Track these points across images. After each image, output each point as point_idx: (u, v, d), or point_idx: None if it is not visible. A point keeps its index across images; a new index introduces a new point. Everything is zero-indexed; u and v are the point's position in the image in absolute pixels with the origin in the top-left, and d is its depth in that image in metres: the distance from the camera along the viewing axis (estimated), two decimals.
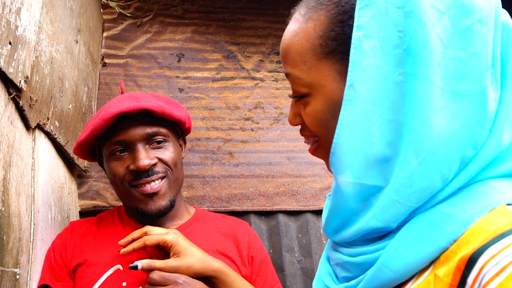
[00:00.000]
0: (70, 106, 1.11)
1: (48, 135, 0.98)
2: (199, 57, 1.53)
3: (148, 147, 0.88)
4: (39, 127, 0.91)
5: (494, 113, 0.44)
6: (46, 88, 0.92)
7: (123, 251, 0.82)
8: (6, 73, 0.71)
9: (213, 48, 1.55)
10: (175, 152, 0.92)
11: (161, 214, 0.89)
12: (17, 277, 0.76)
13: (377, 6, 0.45)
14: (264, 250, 1.00)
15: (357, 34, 0.46)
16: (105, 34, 1.49)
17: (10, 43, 0.73)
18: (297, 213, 1.37)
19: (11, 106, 0.77)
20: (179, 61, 1.51)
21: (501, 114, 0.44)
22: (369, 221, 0.46)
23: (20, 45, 0.77)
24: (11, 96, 0.76)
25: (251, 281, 0.92)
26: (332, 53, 0.49)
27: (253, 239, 0.98)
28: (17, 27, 0.76)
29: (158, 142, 0.89)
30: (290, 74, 0.53)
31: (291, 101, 0.57)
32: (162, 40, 1.52)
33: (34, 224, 0.86)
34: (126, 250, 0.82)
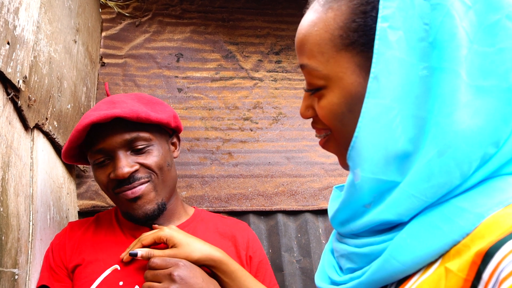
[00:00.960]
0: (69, 106, 1.11)
1: (47, 135, 0.98)
2: (198, 57, 1.53)
3: (129, 153, 0.85)
4: (37, 127, 0.91)
5: None
6: (44, 88, 0.92)
7: (124, 259, 0.83)
8: (4, 73, 0.71)
9: (212, 48, 1.54)
10: (160, 155, 0.88)
11: (149, 218, 0.87)
12: (16, 277, 0.75)
13: None
14: (263, 251, 1.00)
15: (382, 25, 0.44)
16: (103, 34, 1.49)
17: (8, 43, 0.72)
18: (296, 213, 1.37)
19: (9, 106, 0.77)
20: (178, 61, 1.51)
21: None
22: (381, 213, 0.45)
23: (18, 45, 0.77)
24: (10, 96, 0.76)
25: None
26: (352, 45, 0.48)
27: (251, 239, 0.98)
28: (15, 27, 0.76)
29: (140, 148, 0.86)
30: (305, 66, 0.52)
31: (304, 93, 0.56)
32: (161, 40, 1.52)
33: (33, 224, 0.86)
34: (125, 256, 0.83)
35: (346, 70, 0.48)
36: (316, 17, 0.51)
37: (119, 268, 0.84)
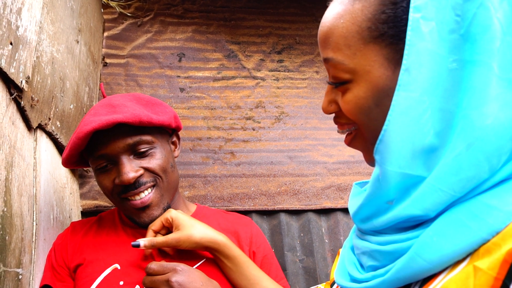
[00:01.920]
0: (72, 106, 1.11)
1: (50, 135, 0.98)
2: (200, 56, 1.53)
3: (132, 157, 0.84)
4: (40, 127, 0.91)
5: None
6: (47, 88, 0.92)
7: (145, 247, 0.82)
8: (8, 73, 0.71)
9: (214, 47, 1.54)
10: (163, 158, 0.87)
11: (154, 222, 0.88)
12: (20, 277, 0.76)
13: None
14: (268, 245, 0.99)
15: (414, 16, 0.43)
16: (105, 34, 1.49)
17: (11, 44, 0.73)
18: (298, 212, 1.37)
19: (12, 106, 0.77)
20: (180, 60, 1.51)
21: None
22: (406, 209, 0.45)
23: (21, 46, 0.77)
24: (13, 97, 0.76)
25: None
26: (381, 37, 0.46)
27: (255, 234, 0.98)
28: (18, 27, 0.76)
29: (142, 151, 0.85)
30: (330, 59, 0.50)
31: (327, 88, 0.55)
32: (162, 39, 1.52)
33: (36, 224, 0.86)
34: (144, 247, 0.81)
35: (373, 63, 0.47)
36: (342, 9, 0.49)
37: (119, 268, 0.84)
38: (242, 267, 0.83)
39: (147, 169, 0.85)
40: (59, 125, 1.01)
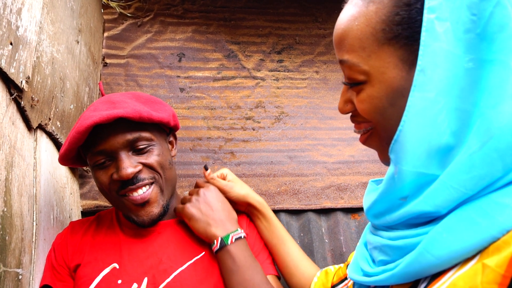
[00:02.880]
0: (72, 106, 1.11)
1: (50, 135, 0.98)
2: (200, 56, 1.53)
3: (131, 153, 0.84)
4: (40, 127, 0.91)
5: None
6: (47, 89, 0.92)
7: (208, 175, 1.01)
8: (8, 73, 0.71)
9: (213, 47, 1.54)
10: (161, 155, 0.87)
11: (154, 222, 0.87)
12: (20, 277, 0.76)
13: None
14: (258, 237, 1.01)
15: (429, 17, 0.43)
16: (105, 34, 1.49)
17: (11, 44, 0.73)
18: (298, 212, 1.37)
19: (12, 106, 0.77)
20: (180, 60, 1.51)
21: None
22: (418, 205, 0.45)
23: (21, 46, 0.77)
24: (13, 97, 0.76)
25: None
26: (395, 38, 0.47)
27: (246, 226, 1.00)
28: (18, 27, 0.76)
29: (142, 148, 0.85)
30: (346, 61, 0.51)
31: (343, 88, 0.55)
32: (162, 39, 1.52)
33: (36, 225, 0.86)
34: (208, 174, 1.01)
35: (388, 64, 0.47)
36: (356, 11, 0.50)
37: (117, 267, 0.84)
38: (275, 226, 0.98)
39: (145, 165, 0.85)
40: (59, 125, 1.01)
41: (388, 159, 0.51)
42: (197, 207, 0.90)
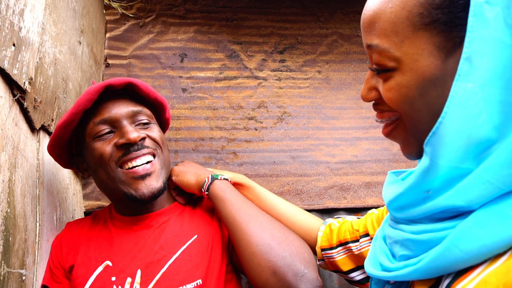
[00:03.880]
0: None
1: None
2: (202, 56, 1.53)
3: (134, 126, 0.86)
4: (43, 128, 0.91)
5: None
6: (50, 89, 0.92)
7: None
8: (10, 74, 0.71)
9: (215, 47, 1.54)
10: (161, 132, 0.92)
11: (154, 197, 0.84)
12: (23, 278, 0.76)
13: None
14: None
15: (478, 0, 0.40)
16: (108, 35, 1.49)
17: (14, 45, 0.73)
18: None
19: (15, 107, 0.77)
20: (182, 61, 1.51)
21: None
22: (449, 199, 0.43)
23: (23, 47, 0.77)
24: (16, 98, 0.76)
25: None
26: (433, 23, 0.43)
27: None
28: (20, 28, 0.76)
29: (143, 123, 0.88)
30: (375, 46, 0.48)
31: (368, 74, 0.53)
32: (164, 40, 1.52)
33: (40, 225, 0.86)
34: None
35: (422, 51, 0.45)
36: None
37: (110, 264, 0.83)
38: (261, 194, 0.99)
39: (148, 136, 0.87)
40: None
41: (413, 152, 0.49)
42: (183, 165, 0.97)
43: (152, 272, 0.81)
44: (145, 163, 0.84)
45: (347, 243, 0.83)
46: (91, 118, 0.85)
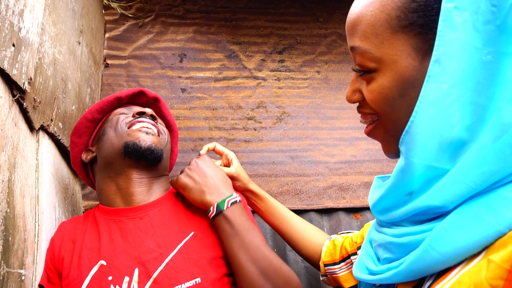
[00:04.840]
0: (74, 107, 1.12)
1: (52, 136, 0.98)
2: (201, 57, 1.53)
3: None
4: (43, 128, 0.92)
5: None
6: (49, 90, 0.92)
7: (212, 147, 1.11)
8: (10, 74, 0.71)
9: (215, 48, 1.55)
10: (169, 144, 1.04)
11: (151, 152, 0.91)
12: (23, 277, 0.76)
13: None
14: None
15: (447, 6, 0.42)
16: (107, 35, 1.49)
17: (13, 45, 0.73)
18: (300, 212, 1.37)
19: (15, 107, 0.77)
20: (181, 61, 1.51)
21: None
22: (426, 200, 0.44)
23: (23, 47, 0.77)
24: (15, 98, 0.76)
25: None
26: (410, 26, 0.45)
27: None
28: (20, 29, 0.76)
29: (155, 117, 1.01)
30: (357, 48, 0.50)
31: (352, 76, 0.54)
32: (164, 40, 1.53)
33: (39, 225, 0.86)
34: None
35: (401, 53, 0.46)
36: None
37: (105, 263, 0.82)
38: (274, 207, 1.01)
39: (160, 123, 1.03)
40: (61, 126, 1.02)
41: (392, 151, 0.50)
42: (190, 176, 0.92)
43: (149, 270, 0.80)
44: (150, 129, 0.96)
45: (348, 256, 0.83)
46: (121, 105, 1.03)
